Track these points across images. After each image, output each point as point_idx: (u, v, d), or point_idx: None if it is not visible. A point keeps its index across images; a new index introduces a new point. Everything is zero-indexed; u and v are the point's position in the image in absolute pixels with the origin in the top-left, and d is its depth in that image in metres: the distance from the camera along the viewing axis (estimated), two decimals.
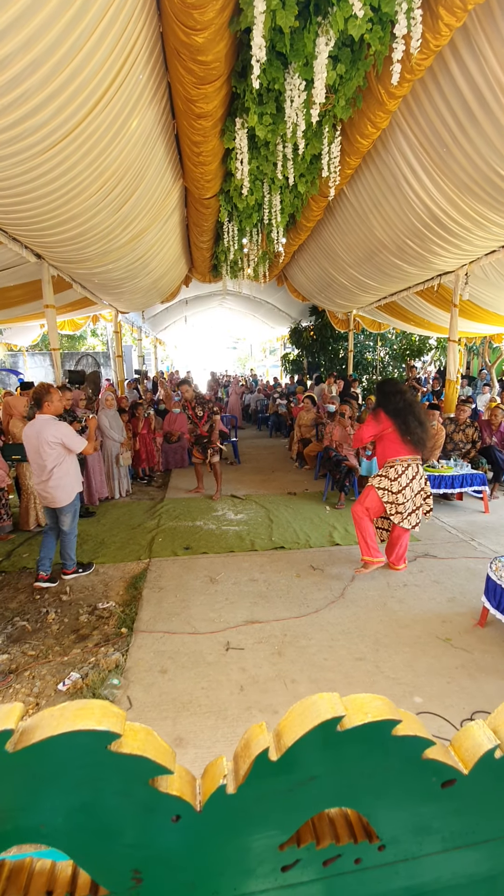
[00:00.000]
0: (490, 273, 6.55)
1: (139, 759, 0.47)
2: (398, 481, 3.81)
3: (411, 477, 3.84)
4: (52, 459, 3.79)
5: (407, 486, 3.82)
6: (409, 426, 3.76)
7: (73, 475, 3.97)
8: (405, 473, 3.81)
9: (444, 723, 2.47)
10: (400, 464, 3.83)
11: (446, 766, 0.53)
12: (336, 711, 0.49)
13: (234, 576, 4.14)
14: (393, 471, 3.83)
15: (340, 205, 6.39)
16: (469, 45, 3.43)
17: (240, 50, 3.74)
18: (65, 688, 2.74)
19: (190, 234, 7.74)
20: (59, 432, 3.78)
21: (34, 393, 3.84)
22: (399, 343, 15.16)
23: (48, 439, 3.73)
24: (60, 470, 3.84)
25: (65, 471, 3.88)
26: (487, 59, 3.38)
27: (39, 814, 0.49)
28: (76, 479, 4.02)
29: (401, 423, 3.77)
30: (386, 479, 3.85)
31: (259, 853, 0.54)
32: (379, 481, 3.88)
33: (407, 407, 3.78)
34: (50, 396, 3.82)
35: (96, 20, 2.67)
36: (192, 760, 2.25)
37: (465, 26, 3.34)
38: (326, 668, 2.90)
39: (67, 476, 3.90)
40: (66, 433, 3.81)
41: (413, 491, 3.85)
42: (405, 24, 2.94)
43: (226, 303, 17.16)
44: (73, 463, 3.97)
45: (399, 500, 3.82)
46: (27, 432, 3.81)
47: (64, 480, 3.87)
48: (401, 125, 4.43)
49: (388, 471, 3.85)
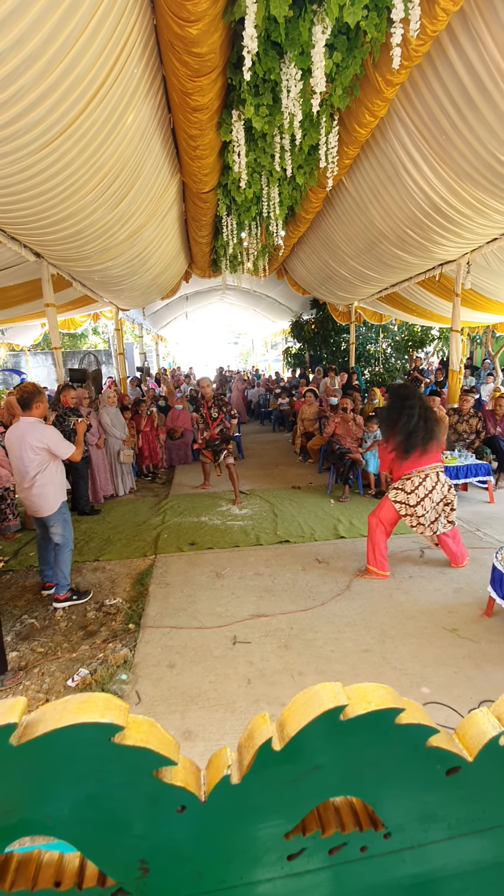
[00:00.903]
0: (492, 261, 6.50)
1: (143, 751, 0.47)
2: (415, 493, 3.71)
3: (430, 488, 3.72)
4: (35, 465, 3.48)
5: (426, 497, 3.71)
6: (410, 440, 3.63)
7: (57, 482, 3.64)
8: (422, 485, 3.70)
9: (452, 712, 2.47)
10: (416, 475, 3.72)
11: (451, 754, 0.53)
12: (339, 701, 0.49)
13: (239, 570, 4.16)
14: (409, 483, 3.73)
15: (339, 196, 6.34)
16: (467, 29, 3.38)
17: (234, 41, 3.71)
18: (74, 684, 2.76)
19: (189, 229, 7.71)
20: (45, 436, 3.48)
21: (22, 393, 3.54)
22: (401, 334, 15.07)
23: (32, 443, 3.44)
24: (44, 477, 3.53)
25: (48, 478, 3.56)
26: (486, 44, 3.33)
27: (45, 806, 0.50)
28: (60, 487, 3.69)
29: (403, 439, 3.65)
30: (402, 493, 3.75)
31: (265, 842, 0.54)
32: (395, 494, 3.78)
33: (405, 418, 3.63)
34: (40, 398, 3.55)
35: (89, 14, 2.65)
36: (202, 753, 2.27)
37: (463, 10, 3.29)
38: (333, 660, 2.91)
39: (51, 483, 3.58)
40: (52, 438, 3.52)
41: (433, 501, 3.74)
42: (402, 10, 2.90)
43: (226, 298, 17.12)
44: (57, 469, 3.65)
45: (418, 512, 3.73)
46: (9, 436, 3.53)
47: (47, 488, 3.56)
48: (399, 113, 4.39)
49: (405, 483, 3.75)
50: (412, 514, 3.77)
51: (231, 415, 6.02)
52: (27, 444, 3.44)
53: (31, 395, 3.51)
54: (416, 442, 3.64)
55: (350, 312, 12.04)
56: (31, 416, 3.53)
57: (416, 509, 3.73)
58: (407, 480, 3.74)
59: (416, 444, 3.65)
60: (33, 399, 3.51)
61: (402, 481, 3.75)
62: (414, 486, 3.71)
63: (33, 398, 3.51)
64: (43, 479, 3.52)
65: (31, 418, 3.52)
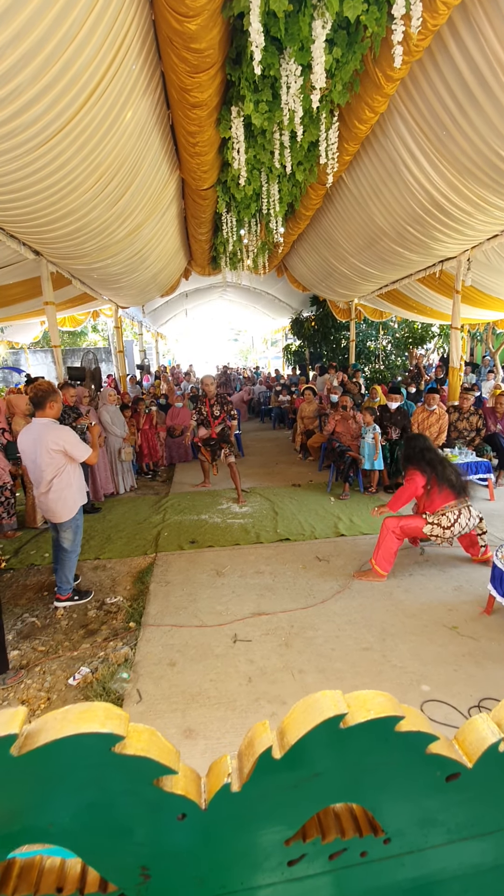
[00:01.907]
0: (493, 258, 6.48)
1: (143, 760, 0.47)
2: (451, 529, 3.77)
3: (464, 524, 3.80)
4: (52, 469, 3.33)
5: (455, 524, 3.78)
6: (445, 474, 3.78)
7: (75, 486, 3.48)
8: (458, 522, 3.77)
9: (452, 710, 2.48)
10: (451, 511, 3.78)
11: (450, 761, 0.54)
12: (339, 709, 0.49)
13: (240, 568, 4.16)
14: (445, 519, 3.78)
15: (339, 192, 6.32)
16: (468, 23, 3.36)
17: (233, 36, 3.68)
18: (75, 682, 2.77)
19: (188, 226, 7.69)
20: (61, 438, 3.30)
21: (35, 391, 3.36)
22: (401, 331, 15.05)
23: (49, 446, 3.26)
24: (61, 481, 3.38)
25: (66, 482, 3.40)
26: (487, 38, 3.31)
27: (47, 814, 0.50)
28: (79, 491, 3.52)
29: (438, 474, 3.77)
30: (438, 527, 3.79)
31: (265, 848, 0.54)
32: (431, 529, 3.81)
33: (437, 458, 3.83)
34: (55, 397, 3.37)
35: (87, 10, 2.63)
36: (203, 752, 2.28)
37: (464, 4, 3.26)
38: (334, 658, 2.92)
39: (69, 488, 3.42)
40: (69, 439, 3.33)
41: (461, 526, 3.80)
42: (403, 4, 2.88)
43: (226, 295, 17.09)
44: (75, 472, 3.48)
45: (446, 534, 3.79)
46: (23, 438, 3.35)
47: (66, 493, 3.40)
48: (399, 109, 4.36)
49: (441, 518, 3.79)
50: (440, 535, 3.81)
51: (231, 415, 6.01)
52: (43, 446, 3.26)
53: (45, 394, 3.33)
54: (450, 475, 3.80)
55: (350, 309, 12.02)
56: (44, 416, 3.35)
57: (446, 532, 3.79)
58: (443, 515, 3.79)
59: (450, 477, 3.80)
60: (47, 398, 3.33)
61: (438, 516, 3.80)
62: (450, 521, 3.77)
63: (47, 397, 3.33)
64: (60, 483, 3.38)
65: (45, 419, 3.35)
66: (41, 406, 3.34)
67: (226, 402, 5.97)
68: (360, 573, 3.94)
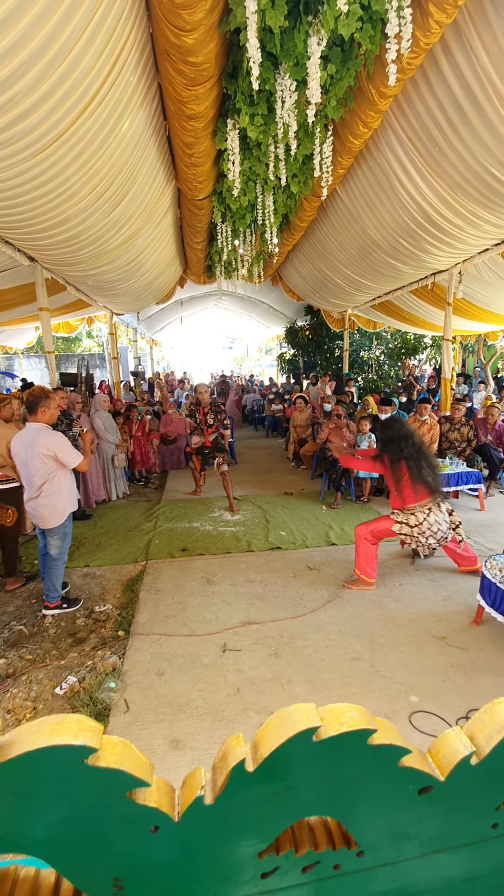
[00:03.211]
0: (483, 271, 6.57)
1: (116, 773, 0.47)
2: (419, 527, 3.65)
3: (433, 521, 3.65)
4: (43, 474, 3.32)
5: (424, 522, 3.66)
6: (421, 474, 3.58)
7: (66, 493, 3.45)
8: (427, 520, 3.63)
9: (440, 721, 2.48)
10: (420, 511, 3.64)
11: (423, 774, 0.54)
12: (312, 722, 0.50)
13: (230, 577, 4.15)
14: (414, 518, 3.66)
15: (333, 204, 6.40)
16: (460, 42, 3.44)
17: (230, 51, 3.74)
18: (62, 692, 2.74)
19: (184, 235, 7.74)
20: (52, 443, 3.30)
21: (28, 396, 3.36)
22: (394, 342, 15.19)
23: (40, 451, 3.27)
24: (51, 486, 3.36)
25: (56, 487, 3.38)
26: (479, 57, 3.38)
27: (19, 826, 0.50)
28: (70, 498, 3.50)
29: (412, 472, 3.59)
30: (406, 526, 3.69)
31: (238, 861, 0.54)
32: (400, 528, 3.71)
33: (416, 452, 3.61)
34: (47, 402, 3.36)
35: (85, 22, 2.67)
36: (190, 763, 2.26)
37: (456, 23, 3.34)
38: (323, 668, 2.91)
39: (59, 494, 3.40)
40: (61, 445, 3.33)
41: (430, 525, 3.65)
42: (396, 23, 2.95)
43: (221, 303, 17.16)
44: (66, 479, 3.46)
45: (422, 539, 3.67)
46: (16, 442, 3.36)
47: (55, 498, 3.38)
48: (392, 125, 4.44)
49: (409, 517, 3.67)
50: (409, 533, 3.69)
51: (225, 424, 6.03)
52: (34, 451, 3.27)
53: (36, 399, 3.33)
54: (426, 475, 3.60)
55: (344, 319, 12.12)
56: (37, 421, 3.35)
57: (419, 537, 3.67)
58: (411, 514, 3.66)
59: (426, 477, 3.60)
60: (38, 403, 3.33)
61: (406, 514, 3.68)
62: (418, 520, 3.64)
63: (38, 402, 3.33)
64: (50, 489, 3.36)
65: (38, 424, 3.35)
66: (33, 411, 3.34)
67: (220, 410, 5.99)
68: (350, 583, 3.94)
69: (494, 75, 3.37)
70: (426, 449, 3.72)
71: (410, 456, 3.59)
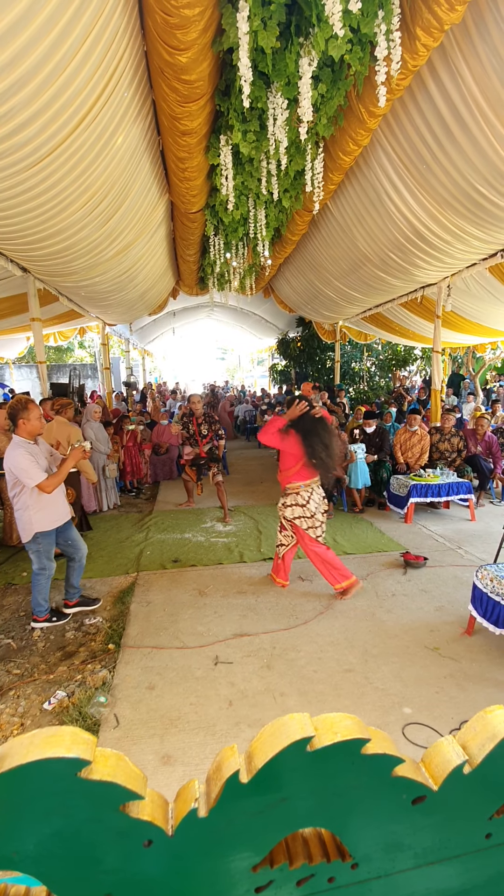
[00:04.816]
0: (472, 285, 6.69)
1: (110, 786, 0.47)
2: (308, 507, 3.86)
3: (318, 501, 3.91)
4: (10, 487, 3.25)
5: (317, 511, 3.88)
6: (314, 450, 3.73)
7: (32, 510, 3.28)
8: (311, 498, 3.86)
9: (433, 733, 2.47)
10: (305, 490, 3.87)
11: (416, 783, 0.54)
12: (306, 732, 0.50)
13: (222, 588, 4.13)
14: (301, 497, 3.88)
15: (325, 219, 6.50)
16: (447, 64, 3.54)
17: (223, 69, 3.82)
18: (50, 707, 2.69)
19: (176, 247, 7.81)
20: (9, 459, 3.14)
21: (9, 408, 3.27)
22: (385, 353, 15.36)
23: (4, 464, 3.19)
24: (18, 502, 3.26)
25: (23, 503, 3.26)
26: (464, 79, 3.49)
27: (11, 841, 0.49)
28: (43, 518, 3.33)
29: (307, 447, 3.73)
30: (299, 508, 3.88)
31: (232, 875, 0.54)
32: (293, 511, 3.89)
33: (313, 429, 3.74)
34: (26, 414, 3.21)
35: (81, 39, 2.71)
36: (181, 778, 2.22)
37: (443, 46, 3.45)
38: (316, 680, 2.89)
39: (25, 510, 3.27)
40: (16, 462, 3.13)
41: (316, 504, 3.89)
42: (385, 45, 3.03)
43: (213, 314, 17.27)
44: (31, 497, 3.27)
45: (317, 519, 3.88)
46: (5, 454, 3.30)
47: (22, 514, 3.27)
48: (381, 142, 4.54)
49: (297, 497, 3.88)
50: (312, 525, 3.87)
51: (219, 434, 6.02)
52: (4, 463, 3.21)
53: (14, 411, 3.22)
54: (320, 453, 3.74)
55: (335, 331, 12.24)
56: (18, 434, 3.24)
57: (314, 520, 3.87)
58: (297, 494, 3.88)
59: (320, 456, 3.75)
60: (17, 415, 3.22)
61: (294, 495, 3.88)
62: (304, 499, 3.87)
63: (17, 414, 3.22)
64: (18, 504, 3.28)
65: (17, 437, 3.23)
66: (14, 423, 3.25)
67: (213, 421, 5.99)
68: (340, 594, 3.92)
69: (479, 96, 3.48)
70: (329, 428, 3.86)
71: (311, 433, 3.74)
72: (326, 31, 3.05)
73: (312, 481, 3.88)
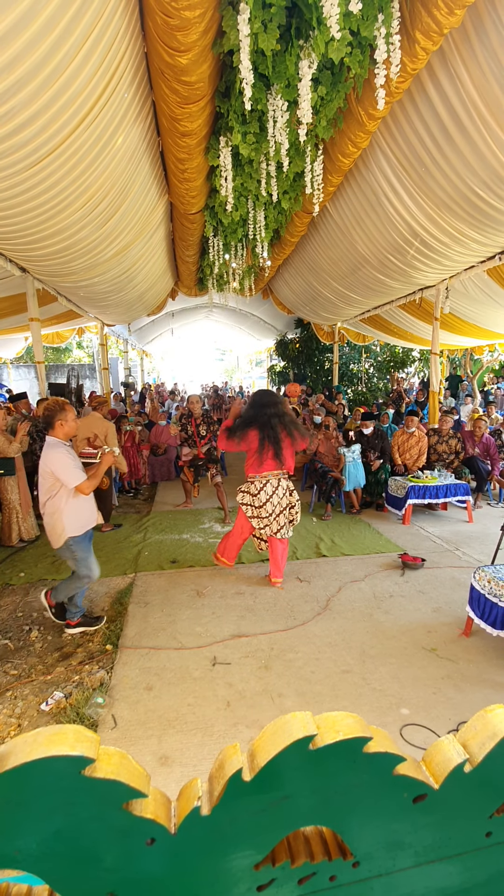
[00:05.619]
0: (470, 287, 6.72)
1: (113, 784, 0.47)
2: (258, 497, 3.96)
3: (270, 493, 3.96)
4: (45, 490, 3.16)
5: (267, 502, 3.95)
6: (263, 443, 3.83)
7: (68, 513, 3.20)
8: (263, 490, 3.95)
9: (431, 734, 2.47)
10: (259, 481, 3.97)
11: (417, 782, 0.55)
12: (308, 730, 0.50)
13: (220, 589, 4.12)
14: (253, 487, 4.00)
15: (324, 221, 6.52)
16: (446, 68, 3.56)
17: (223, 71, 3.83)
18: (48, 708, 2.69)
19: (175, 248, 7.81)
20: (49, 459, 3.09)
21: (45, 410, 3.23)
22: (383, 355, 15.39)
23: (42, 467, 3.12)
24: (51, 505, 3.17)
25: (55, 507, 3.17)
26: (463, 82, 3.51)
27: (14, 840, 0.49)
28: (69, 521, 3.22)
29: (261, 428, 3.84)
30: (248, 495, 4.02)
31: (234, 873, 0.54)
32: (242, 497, 4.05)
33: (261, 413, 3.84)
34: (64, 415, 3.17)
35: (81, 40, 2.72)
36: (179, 779, 2.22)
37: (442, 50, 3.46)
38: (313, 681, 2.90)
39: (58, 513, 3.18)
40: (57, 462, 3.09)
41: (273, 506, 3.96)
42: (384, 49, 3.05)
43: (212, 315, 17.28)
44: (66, 500, 3.19)
45: (263, 513, 3.97)
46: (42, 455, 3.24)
47: (54, 518, 3.18)
48: (381, 145, 4.56)
49: (249, 487, 4.03)
50: (258, 515, 4.00)
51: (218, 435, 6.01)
52: (41, 467, 3.15)
53: (51, 412, 3.18)
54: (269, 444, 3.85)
55: (334, 333, 12.26)
56: (54, 435, 3.20)
57: (262, 510, 3.97)
58: (251, 483, 4.01)
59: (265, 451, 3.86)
60: (54, 416, 3.17)
61: (247, 484, 4.04)
62: (257, 489, 3.97)
63: (54, 415, 3.17)
64: (50, 508, 3.18)
65: (53, 439, 3.19)
66: (51, 425, 3.20)
67: (212, 421, 5.99)
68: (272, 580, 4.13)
69: (478, 100, 3.50)
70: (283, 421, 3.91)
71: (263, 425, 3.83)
72: (326, 33, 3.07)
73: (269, 474, 3.95)
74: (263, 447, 3.83)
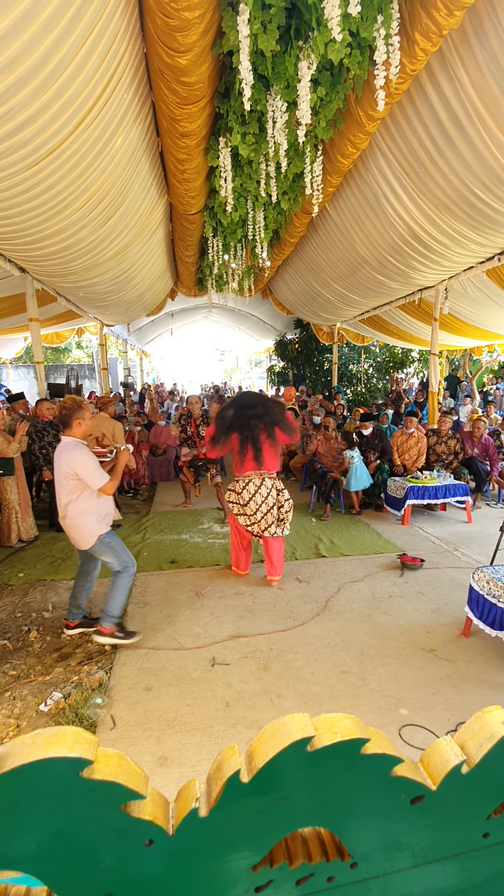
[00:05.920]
0: (469, 288, 6.72)
1: (111, 785, 0.47)
2: (241, 495, 4.04)
3: (253, 491, 4.02)
4: (67, 492, 3.09)
5: (251, 500, 4.01)
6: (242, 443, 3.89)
7: (92, 513, 3.15)
8: (246, 489, 4.02)
9: (430, 734, 2.47)
10: (242, 480, 4.05)
11: (415, 783, 0.55)
12: (306, 732, 0.50)
13: (220, 589, 4.13)
14: (238, 485, 4.09)
15: (323, 221, 6.52)
16: (445, 69, 3.56)
17: (222, 72, 3.83)
18: (46, 708, 2.68)
19: (175, 248, 7.82)
20: (73, 461, 3.02)
21: (61, 409, 3.15)
22: (382, 355, 15.40)
23: (63, 468, 3.06)
24: (76, 507, 3.11)
25: (81, 509, 3.11)
26: (462, 83, 3.51)
27: (12, 841, 0.49)
28: (97, 520, 3.19)
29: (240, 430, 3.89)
30: (234, 494, 4.11)
31: (232, 875, 0.54)
32: (228, 495, 4.16)
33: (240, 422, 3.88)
34: (82, 414, 3.12)
35: (81, 40, 2.72)
36: (178, 780, 2.22)
37: (441, 51, 3.47)
38: (312, 681, 2.90)
39: (85, 515, 3.12)
40: (82, 464, 3.03)
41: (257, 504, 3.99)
42: (384, 50, 3.05)
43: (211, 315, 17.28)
44: (91, 499, 3.15)
45: (248, 511, 4.03)
46: (55, 456, 3.18)
47: (81, 520, 3.12)
48: (380, 145, 4.56)
49: (235, 485, 4.12)
50: (244, 513, 4.07)
51: None
52: (60, 468, 3.09)
53: (69, 412, 3.11)
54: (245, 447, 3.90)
55: (333, 333, 12.27)
56: (71, 435, 3.13)
57: (247, 508, 4.03)
58: (236, 482, 4.11)
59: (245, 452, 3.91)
60: (72, 416, 3.10)
61: (234, 482, 4.14)
62: (241, 488, 4.05)
63: (72, 415, 3.10)
64: (75, 510, 3.12)
65: (70, 439, 3.12)
66: (67, 425, 3.14)
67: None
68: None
69: (477, 101, 3.50)
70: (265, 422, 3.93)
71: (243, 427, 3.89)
72: (326, 34, 3.07)
73: (251, 474, 4.02)
74: (244, 449, 3.89)
